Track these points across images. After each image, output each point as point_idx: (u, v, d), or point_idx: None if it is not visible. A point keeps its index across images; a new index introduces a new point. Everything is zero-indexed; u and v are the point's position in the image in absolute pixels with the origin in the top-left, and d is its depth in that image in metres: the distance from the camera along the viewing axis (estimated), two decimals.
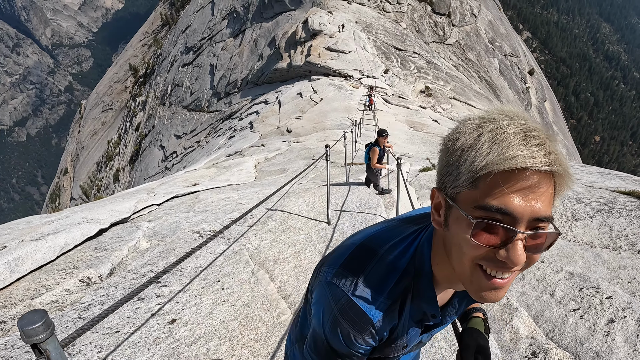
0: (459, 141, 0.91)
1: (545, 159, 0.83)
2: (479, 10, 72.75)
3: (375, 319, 1.09)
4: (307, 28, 48.58)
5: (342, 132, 13.44)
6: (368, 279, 1.11)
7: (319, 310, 1.18)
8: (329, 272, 1.17)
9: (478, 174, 0.86)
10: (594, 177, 8.77)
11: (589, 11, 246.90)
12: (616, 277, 4.30)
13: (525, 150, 0.83)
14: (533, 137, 0.86)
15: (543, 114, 73.71)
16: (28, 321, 1.06)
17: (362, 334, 1.11)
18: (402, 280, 1.12)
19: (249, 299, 4.16)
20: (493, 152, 0.84)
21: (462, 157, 0.89)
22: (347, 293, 1.10)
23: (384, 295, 1.10)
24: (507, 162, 0.82)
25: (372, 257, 1.14)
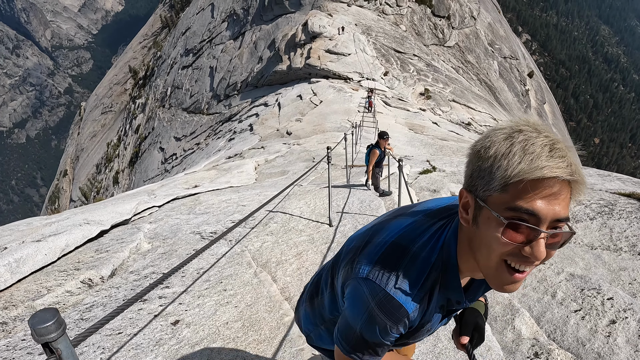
0: (491, 149, 1.03)
1: (568, 169, 0.96)
2: (479, 12, 72.86)
3: (410, 310, 1.22)
4: (307, 30, 48.64)
5: (343, 135, 13.47)
6: (403, 274, 1.22)
7: (354, 304, 1.29)
8: (364, 269, 1.28)
9: (510, 181, 0.98)
10: (594, 179, 8.79)
11: (588, 13, 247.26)
12: (617, 279, 4.31)
13: (552, 161, 0.95)
14: (558, 150, 0.98)
15: (542, 117, 73.76)
16: (40, 319, 1.06)
17: (397, 325, 1.23)
18: (432, 273, 1.23)
19: (252, 300, 4.16)
20: (524, 161, 0.96)
21: (495, 164, 1.01)
22: (385, 288, 1.21)
23: (418, 288, 1.22)
24: (537, 172, 0.95)
25: (405, 254, 1.25)
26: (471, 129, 34.28)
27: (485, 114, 44.52)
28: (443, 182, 8.20)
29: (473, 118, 39.98)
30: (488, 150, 1.04)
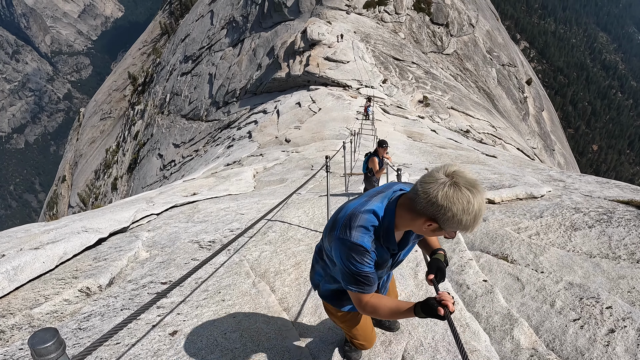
0: (452, 210, 1.88)
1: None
2: (477, 20, 73.12)
3: (367, 246, 2.11)
4: (306, 38, 48.77)
5: (342, 143, 13.46)
6: (357, 228, 2.12)
7: (337, 254, 2.21)
8: (337, 232, 2.19)
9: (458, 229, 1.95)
10: (592, 186, 8.80)
11: (586, 21, 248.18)
12: (616, 287, 4.31)
13: (476, 226, 1.93)
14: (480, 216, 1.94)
15: (541, 124, 73.90)
16: (39, 340, 1.05)
17: (364, 257, 2.13)
18: (378, 229, 2.14)
19: (250, 310, 4.15)
20: (470, 225, 1.92)
21: (456, 220, 1.90)
22: (350, 239, 2.11)
23: (369, 236, 2.12)
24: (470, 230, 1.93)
25: (357, 217, 2.14)
26: (470, 137, 34.34)
27: (484, 121, 44.61)
28: None
29: (472, 125, 40.06)
30: (448, 210, 1.87)
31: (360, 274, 2.14)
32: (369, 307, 2.27)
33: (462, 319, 3.90)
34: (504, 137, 42.73)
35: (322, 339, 3.75)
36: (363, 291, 2.22)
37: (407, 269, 4.94)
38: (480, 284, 4.58)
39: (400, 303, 2.22)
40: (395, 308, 2.21)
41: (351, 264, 2.12)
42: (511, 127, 56.41)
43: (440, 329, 3.76)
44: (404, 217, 2.06)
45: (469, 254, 5.42)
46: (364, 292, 2.23)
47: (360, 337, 2.91)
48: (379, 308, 2.24)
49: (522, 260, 5.11)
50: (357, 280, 2.18)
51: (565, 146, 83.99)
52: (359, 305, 2.30)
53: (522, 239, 5.68)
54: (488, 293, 4.36)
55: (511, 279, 4.72)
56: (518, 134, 57.55)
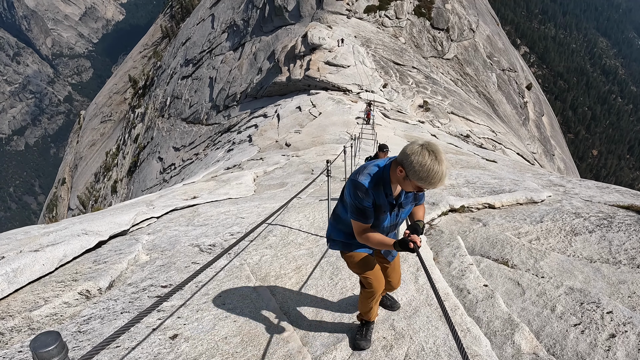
0: (420, 165, 2.61)
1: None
2: (477, 25, 73.21)
3: (367, 185, 2.90)
4: (307, 42, 48.82)
5: (343, 147, 13.47)
6: (363, 173, 2.95)
7: (348, 191, 3.04)
8: (351, 176, 3.03)
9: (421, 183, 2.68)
10: (592, 191, 8.80)
11: (586, 26, 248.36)
12: (616, 292, 4.31)
13: (438, 184, 2.69)
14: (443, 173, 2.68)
15: (541, 129, 73.94)
16: (41, 343, 1.04)
17: (363, 193, 2.90)
18: (378, 176, 2.94)
19: (251, 314, 4.15)
20: (430, 180, 2.66)
21: (419, 173, 2.62)
22: (357, 179, 2.93)
23: (369, 178, 2.92)
24: (433, 185, 2.69)
25: (364, 168, 3.00)
26: (470, 141, 34.36)
27: (484, 126, 44.64)
28: (442, 195, 8.21)
29: (472, 130, 40.08)
30: (411, 162, 2.64)
31: (361, 207, 2.96)
32: (364, 235, 3.08)
33: (463, 323, 3.90)
34: (504, 142, 42.75)
35: (324, 343, 3.75)
36: (361, 221, 3.03)
37: (407, 274, 4.94)
38: (481, 288, 4.58)
39: (386, 238, 3.04)
40: (382, 240, 3.04)
41: (356, 198, 2.94)
42: (511, 132, 56.44)
43: (441, 334, 3.76)
44: (394, 175, 2.85)
45: (470, 258, 5.43)
46: (362, 222, 3.03)
47: (373, 278, 3.40)
48: (371, 237, 3.05)
49: (523, 265, 5.11)
50: (358, 212, 2.99)
51: (565, 151, 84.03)
52: (358, 231, 3.10)
53: (523, 243, 5.68)
54: (489, 298, 4.36)
55: (512, 283, 4.71)
56: (518, 138, 57.57)
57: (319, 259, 5.52)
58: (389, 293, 4.27)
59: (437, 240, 6.26)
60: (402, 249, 2.86)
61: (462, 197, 8.02)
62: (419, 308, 4.18)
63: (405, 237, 2.87)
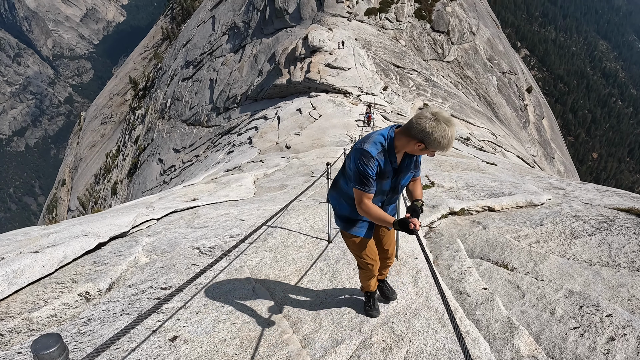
0: (432, 133, 2.85)
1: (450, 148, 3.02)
2: (478, 28, 73.29)
3: (373, 153, 3.06)
4: (307, 44, 48.87)
5: (343, 150, 13.48)
6: (368, 142, 3.11)
7: (353, 159, 3.15)
8: (356, 144, 3.19)
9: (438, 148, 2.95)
10: (592, 194, 8.80)
11: (586, 29, 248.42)
12: (616, 295, 4.31)
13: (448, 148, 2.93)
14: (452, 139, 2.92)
15: (541, 132, 73.97)
16: (42, 345, 1.04)
17: (369, 160, 3.06)
18: (383, 145, 3.12)
19: (250, 317, 4.15)
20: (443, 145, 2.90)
21: (434, 141, 2.88)
22: (362, 147, 3.09)
23: (376, 147, 3.08)
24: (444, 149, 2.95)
25: (370, 136, 3.18)
26: (470, 144, 34.36)
27: (484, 128, 44.66)
28: (442, 198, 8.21)
29: (472, 133, 40.09)
30: (424, 127, 2.86)
31: (365, 175, 3.08)
32: (364, 206, 3.20)
33: (462, 326, 3.90)
34: (504, 144, 42.76)
35: (323, 345, 3.75)
36: (364, 190, 3.14)
37: (407, 276, 4.94)
38: (480, 291, 4.59)
39: (386, 215, 3.19)
40: (382, 215, 3.17)
41: (361, 165, 3.07)
42: (511, 135, 56.45)
43: (440, 337, 3.76)
44: (401, 141, 3.05)
45: (469, 261, 5.43)
46: (364, 191, 3.15)
47: (368, 257, 3.72)
48: (371, 210, 3.17)
49: (522, 268, 5.11)
50: (361, 181, 3.11)
51: (565, 154, 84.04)
52: (359, 201, 3.22)
53: (522, 246, 5.68)
54: (488, 301, 4.36)
55: (511, 286, 4.72)
56: (518, 141, 57.59)
57: (319, 261, 5.52)
58: (387, 281, 4.47)
59: (436, 243, 6.26)
60: (401, 229, 3.03)
61: (462, 200, 8.02)
62: (418, 311, 4.19)
63: (405, 218, 3.05)
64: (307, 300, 4.50)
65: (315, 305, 4.39)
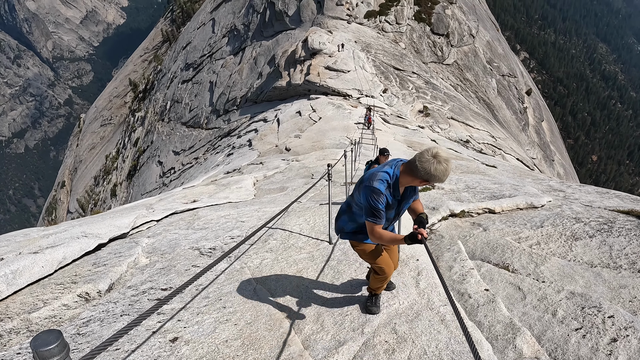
0: (431, 170, 3.22)
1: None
2: (477, 31, 73.39)
3: (382, 190, 3.40)
4: (307, 47, 48.89)
5: (343, 152, 13.48)
6: (377, 180, 3.43)
7: (364, 196, 3.48)
8: (366, 182, 3.49)
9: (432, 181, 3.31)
10: (592, 196, 8.81)
11: (585, 32, 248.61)
12: (617, 296, 4.31)
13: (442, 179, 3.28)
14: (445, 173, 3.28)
15: (540, 134, 74.04)
16: (42, 342, 1.01)
17: (379, 196, 3.41)
18: (389, 182, 3.45)
19: (251, 318, 4.14)
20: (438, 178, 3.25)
21: (431, 176, 3.25)
22: (372, 185, 3.41)
23: (383, 184, 3.42)
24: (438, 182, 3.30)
25: (377, 174, 3.49)
26: (469, 147, 34.40)
27: (484, 131, 44.70)
28: (442, 200, 8.20)
29: (471, 135, 40.13)
30: (429, 169, 3.21)
31: (376, 209, 3.44)
32: (376, 234, 3.53)
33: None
34: (503, 147, 42.79)
35: (325, 346, 3.74)
36: (375, 222, 3.49)
37: (408, 278, 4.93)
38: (482, 293, 4.58)
39: (396, 235, 3.55)
40: (393, 237, 3.54)
41: (372, 201, 3.43)
42: (511, 138, 56.49)
43: (444, 338, 3.75)
44: (406, 178, 3.44)
45: (470, 263, 5.42)
46: (376, 223, 3.49)
47: (383, 263, 3.97)
48: (383, 235, 3.52)
49: (523, 270, 5.11)
50: (373, 214, 3.46)
51: (564, 157, 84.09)
52: (371, 232, 3.55)
53: (523, 248, 5.68)
54: (490, 302, 4.35)
55: (512, 288, 4.71)
56: (518, 144, 57.62)
57: (320, 262, 5.51)
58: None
59: (437, 245, 6.25)
60: (412, 242, 3.33)
61: (463, 202, 8.02)
62: (421, 312, 4.18)
63: (414, 231, 3.37)
64: (308, 302, 4.49)
65: (317, 307, 4.38)
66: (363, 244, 3.99)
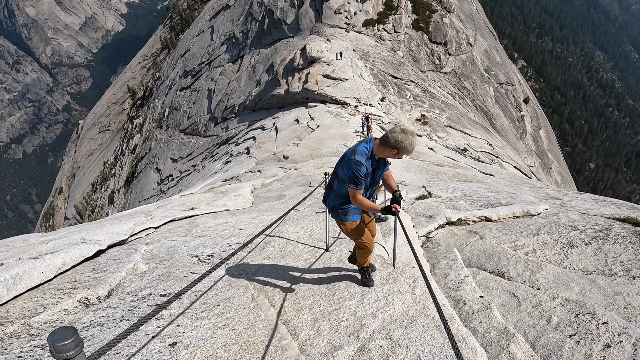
0: (400, 141, 4.03)
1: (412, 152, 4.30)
2: (475, 39, 73.74)
3: (362, 161, 4.11)
4: (305, 55, 49.03)
5: None
6: (357, 154, 4.16)
7: (348, 168, 4.18)
8: (348, 157, 4.23)
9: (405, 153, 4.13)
10: (589, 204, 8.87)
11: (583, 40, 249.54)
12: (612, 303, 4.35)
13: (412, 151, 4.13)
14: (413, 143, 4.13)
15: (538, 142, 74.24)
16: (59, 337, 1.09)
17: (360, 167, 4.10)
18: (367, 155, 4.17)
19: (249, 323, 4.18)
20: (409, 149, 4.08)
21: (402, 146, 4.05)
22: (355, 158, 4.13)
23: (363, 157, 4.13)
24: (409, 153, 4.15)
25: (356, 149, 4.22)
26: (467, 155, 34.48)
27: (481, 139, 44.81)
28: (439, 208, 8.26)
29: (469, 144, 40.22)
30: (397, 138, 4.02)
31: (357, 177, 4.13)
32: (358, 199, 4.24)
33: (459, 334, 3.93)
34: (501, 155, 42.89)
35: (322, 351, 3.78)
36: (357, 188, 4.20)
37: (404, 285, 4.98)
38: (477, 300, 4.62)
39: (374, 204, 4.30)
40: (371, 204, 4.28)
41: (354, 170, 4.11)
42: (508, 146, 56.63)
43: (437, 343, 3.79)
44: (380, 149, 4.17)
45: (466, 270, 5.47)
46: (358, 189, 4.20)
47: (366, 239, 4.61)
48: (363, 201, 4.24)
49: (519, 277, 5.15)
50: (355, 181, 4.16)
51: (562, 164, 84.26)
52: (354, 197, 4.26)
53: (519, 256, 5.73)
54: (484, 309, 4.40)
55: (508, 295, 4.76)
56: (515, 152, 57.75)
57: (317, 269, 5.56)
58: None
59: (433, 252, 6.30)
60: (386, 213, 4.20)
61: (459, 210, 8.07)
62: (415, 318, 4.22)
63: (389, 205, 4.21)
64: (305, 307, 4.53)
65: (313, 312, 4.42)
66: (348, 223, 4.57)
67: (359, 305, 4.53)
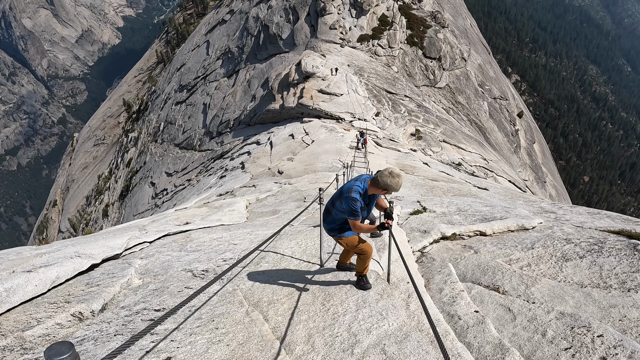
0: (388, 182, 4.77)
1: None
2: (469, 54, 74.29)
3: (357, 197, 4.86)
4: (300, 70, 49.25)
5: (335, 175, 13.54)
6: (354, 192, 4.89)
7: (346, 203, 4.91)
8: (345, 194, 4.97)
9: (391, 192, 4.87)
10: (584, 217, 8.90)
11: (576, 54, 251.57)
12: (607, 316, 4.36)
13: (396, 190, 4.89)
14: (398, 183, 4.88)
15: (532, 156, 74.58)
16: (56, 352, 1.09)
17: (356, 203, 4.85)
18: (361, 192, 4.93)
19: (243, 339, 4.16)
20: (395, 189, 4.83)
21: (390, 187, 4.81)
22: (351, 196, 4.87)
23: (358, 194, 4.90)
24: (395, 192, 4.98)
25: (352, 187, 4.95)
26: (462, 169, 34.59)
27: (476, 154, 45.00)
28: (433, 223, 8.27)
29: (463, 158, 40.37)
30: (386, 182, 4.77)
31: (356, 210, 4.82)
32: (357, 227, 4.90)
33: (454, 349, 3.93)
34: (495, 169, 43.05)
35: None
36: (356, 219, 4.88)
37: (399, 300, 4.97)
38: (472, 314, 4.62)
39: (370, 226, 4.98)
40: (369, 227, 4.94)
41: (352, 205, 4.80)
42: (503, 160, 56.86)
43: (432, 358, 3.78)
44: (372, 189, 4.89)
45: (461, 285, 5.47)
46: (357, 220, 4.89)
47: (364, 247, 5.16)
48: (362, 227, 4.91)
49: (514, 291, 5.16)
50: (354, 214, 4.84)
51: (556, 178, 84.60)
52: (354, 226, 4.92)
53: (514, 270, 5.74)
54: (479, 323, 4.40)
55: (502, 309, 4.76)
56: (510, 166, 57.98)
57: (311, 285, 5.54)
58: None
59: (428, 267, 6.31)
60: (382, 229, 4.86)
61: (454, 225, 8.08)
62: (410, 333, 4.22)
63: (383, 222, 4.88)
64: (299, 323, 4.51)
65: (308, 328, 4.40)
66: (345, 237, 5.24)
67: (353, 320, 4.52)
